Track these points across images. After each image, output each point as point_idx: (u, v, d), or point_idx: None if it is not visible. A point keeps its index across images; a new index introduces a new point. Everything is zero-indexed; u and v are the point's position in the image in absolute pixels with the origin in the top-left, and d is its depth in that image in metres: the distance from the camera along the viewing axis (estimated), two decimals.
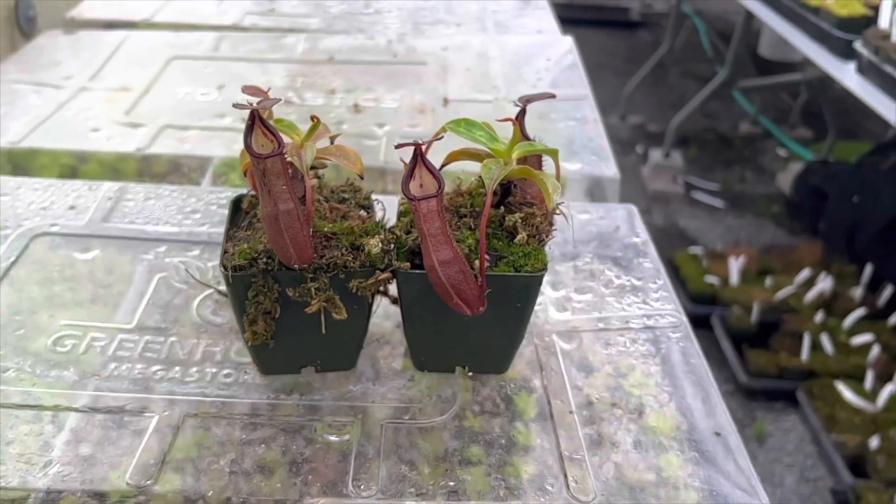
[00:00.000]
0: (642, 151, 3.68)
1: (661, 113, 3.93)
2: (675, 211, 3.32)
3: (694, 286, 2.61)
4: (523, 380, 0.73)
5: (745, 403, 2.37)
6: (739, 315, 2.42)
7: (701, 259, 2.73)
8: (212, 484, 0.61)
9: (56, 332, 0.74)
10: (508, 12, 1.55)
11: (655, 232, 3.17)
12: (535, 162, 0.73)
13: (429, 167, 0.61)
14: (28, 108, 1.09)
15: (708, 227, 3.23)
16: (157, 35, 1.34)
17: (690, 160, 3.63)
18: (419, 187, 0.62)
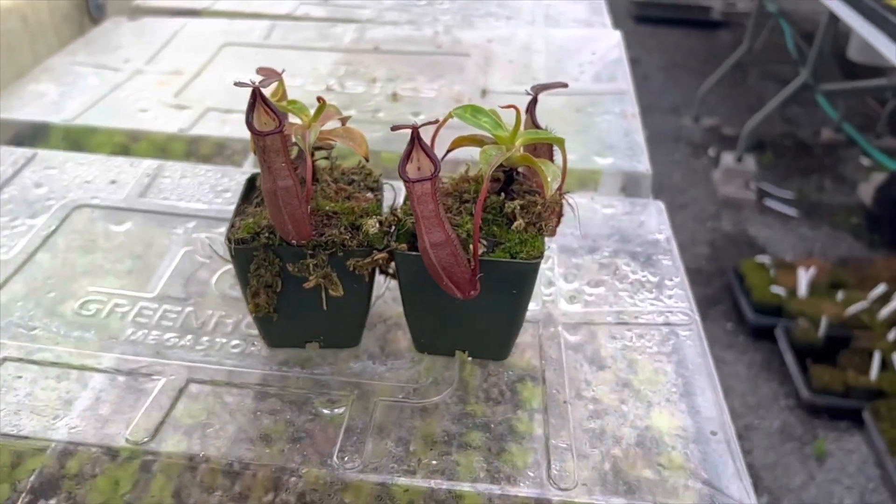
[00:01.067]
0: (714, 155, 3.58)
1: (737, 115, 3.81)
2: (746, 218, 3.22)
3: (759, 296, 2.53)
4: (530, 369, 0.74)
5: (806, 420, 2.29)
6: (806, 328, 2.33)
7: (768, 269, 2.64)
8: (204, 445, 0.64)
9: (83, 297, 0.79)
10: (561, 6, 1.54)
11: (723, 238, 3.08)
12: (546, 151, 0.73)
13: (425, 150, 0.62)
14: (86, 89, 1.16)
15: (779, 236, 3.12)
16: (214, 22, 1.40)
17: (765, 166, 3.51)
18: (416, 170, 0.63)
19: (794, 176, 3.48)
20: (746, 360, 2.53)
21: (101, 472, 0.64)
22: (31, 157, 0.98)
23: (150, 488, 0.63)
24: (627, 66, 1.27)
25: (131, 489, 0.63)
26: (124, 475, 0.64)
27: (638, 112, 1.17)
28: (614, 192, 1.06)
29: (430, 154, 0.62)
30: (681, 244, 3.18)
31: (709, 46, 4.56)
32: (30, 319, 0.75)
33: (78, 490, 0.63)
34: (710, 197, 3.34)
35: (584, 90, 1.21)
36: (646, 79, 4.18)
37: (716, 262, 2.98)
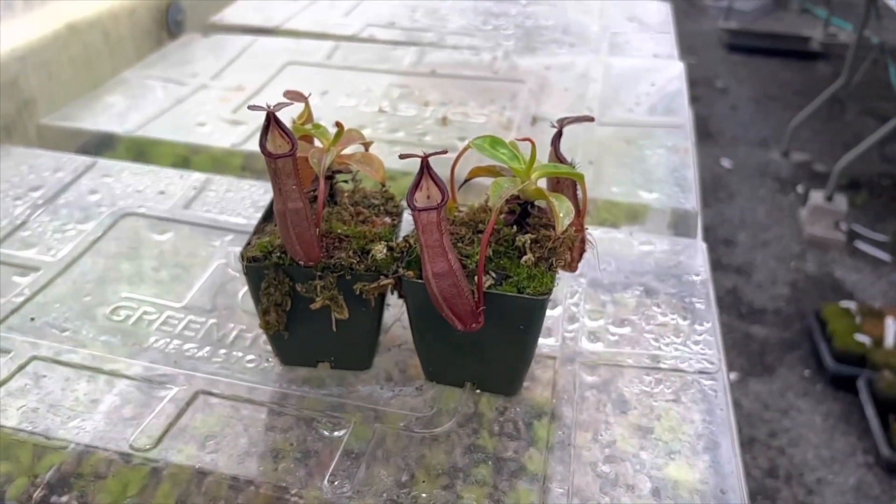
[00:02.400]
0: (803, 192, 3.43)
1: (831, 152, 3.64)
2: (833, 260, 3.07)
3: (841, 344, 2.40)
4: (548, 406, 0.72)
5: (885, 479, 2.15)
6: (891, 381, 2.20)
7: (854, 315, 2.50)
8: (201, 457, 0.65)
9: (115, 302, 0.82)
10: (629, 35, 1.51)
11: (805, 280, 2.94)
12: (570, 186, 0.72)
13: (434, 179, 0.62)
14: (152, 101, 1.22)
15: (868, 281, 2.95)
16: (281, 41, 1.44)
17: (858, 206, 3.34)
18: (426, 198, 0.63)
19: (890, 218, 3.29)
20: (823, 410, 2.40)
21: (112, 474, 0.66)
22: (90, 165, 1.04)
23: (156, 494, 0.65)
24: (686, 99, 1.23)
25: (138, 493, 0.65)
26: (134, 479, 0.66)
27: (692, 147, 1.14)
28: (661, 228, 1.03)
29: (440, 183, 0.62)
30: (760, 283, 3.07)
31: (805, 78, 4.39)
32: (64, 321, 0.79)
33: (89, 489, 0.65)
34: (795, 236, 3.20)
35: (637, 122, 1.18)
36: (734, 109, 4.05)
37: (796, 304, 2.85)
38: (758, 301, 2.88)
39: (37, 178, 1.01)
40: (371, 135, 1.14)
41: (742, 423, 2.42)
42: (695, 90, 4.22)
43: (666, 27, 1.54)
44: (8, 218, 0.93)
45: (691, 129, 1.24)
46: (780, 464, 2.26)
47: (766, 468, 2.26)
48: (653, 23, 1.56)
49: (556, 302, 0.84)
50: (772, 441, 2.33)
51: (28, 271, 0.85)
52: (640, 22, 1.57)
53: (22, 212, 0.94)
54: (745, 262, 3.06)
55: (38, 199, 0.97)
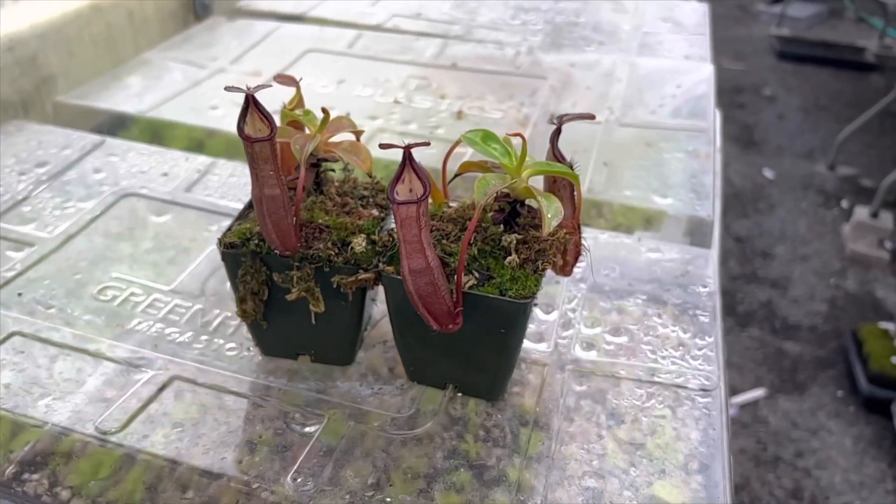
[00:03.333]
0: (847, 207, 3.31)
1: (879, 167, 3.51)
2: (874, 278, 2.96)
3: (877, 365, 2.32)
4: (537, 414, 0.69)
5: None
6: None
7: (892, 337, 2.41)
8: (166, 444, 0.64)
9: (105, 282, 0.81)
10: (662, 35, 1.46)
11: (845, 297, 2.84)
12: (567, 186, 0.69)
13: (417, 172, 0.60)
14: (169, 83, 1.21)
15: None
16: (305, 28, 1.43)
17: None
18: (408, 191, 0.60)
19: None
20: (854, 433, 2.32)
21: (84, 455, 0.65)
22: (98, 144, 1.03)
23: (126, 478, 0.64)
24: (713, 103, 1.19)
25: (109, 475, 0.64)
26: (107, 461, 0.65)
27: (716, 153, 1.09)
28: (676, 236, 0.98)
29: (422, 176, 0.60)
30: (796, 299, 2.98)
31: (857, 90, 4.24)
32: (51, 298, 0.78)
33: (61, 469, 0.64)
34: (836, 251, 3.09)
35: (659, 124, 1.14)
36: (781, 119, 3.94)
37: (833, 322, 2.75)
38: (793, 317, 2.79)
39: (44, 155, 1.01)
40: (383, 126, 1.12)
41: (768, 441, 2.35)
42: (741, 97, 4.12)
43: (701, 29, 1.48)
44: (10, 193, 0.94)
45: (717, 133, 1.20)
46: (805, 486, 2.19)
47: (790, 489, 2.18)
48: (688, 24, 1.51)
49: (552, 306, 0.81)
50: (798, 461, 2.25)
51: (23, 246, 0.85)
52: (675, 22, 1.52)
53: (25, 187, 0.95)
54: (781, 276, 2.97)
55: (43, 176, 0.97)
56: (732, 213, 3.29)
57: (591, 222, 0.97)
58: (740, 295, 2.91)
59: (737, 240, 3.15)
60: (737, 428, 2.41)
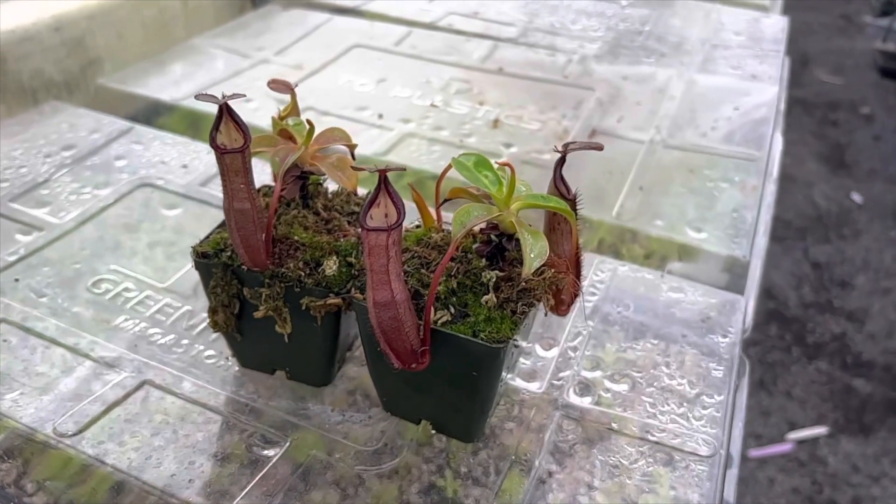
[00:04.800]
0: None
1: None
2: None
3: None
4: (524, 456, 0.64)
5: None
6: None
7: None
8: (118, 452, 0.62)
9: (102, 274, 0.81)
10: (730, 49, 1.37)
11: None
12: (566, 221, 0.64)
13: (393, 197, 0.56)
14: (209, 71, 1.21)
15: None
16: (356, 22, 1.40)
17: None
18: (383, 216, 0.57)
19: None
20: None
21: (50, 452, 0.64)
22: (125, 131, 1.04)
23: (92, 477, 0.63)
24: (772, 129, 1.09)
25: (77, 473, 0.63)
26: (78, 458, 0.64)
27: (765, 184, 1.00)
28: (712, 274, 0.91)
29: (397, 203, 0.56)
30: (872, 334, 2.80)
31: None
32: (45, 286, 0.78)
33: (32, 460, 0.64)
34: None
35: (707, 148, 1.06)
36: (877, 140, 3.69)
37: None
38: (867, 353, 2.61)
39: (73, 138, 1.02)
40: (414, 130, 1.08)
41: (824, 483, 2.21)
42: (835, 114, 3.88)
43: (776, 46, 1.38)
44: (33, 174, 0.95)
45: (774, 163, 1.11)
46: None
47: None
48: (763, 39, 1.41)
49: (555, 342, 0.76)
50: None
51: (32, 230, 0.86)
52: (750, 36, 1.42)
53: (47, 169, 0.95)
54: (859, 308, 2.79)
55: (67, 159, 0.98)
56: (813, 236, 3.10)
57: (615, 251, 0.91)
58: (811, 325, 2.75)
59: (815, 265, 2.98)
60: (793, 465, 2.28)
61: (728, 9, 1.54)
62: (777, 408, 2.51)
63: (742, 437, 0.80)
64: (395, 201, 0.56)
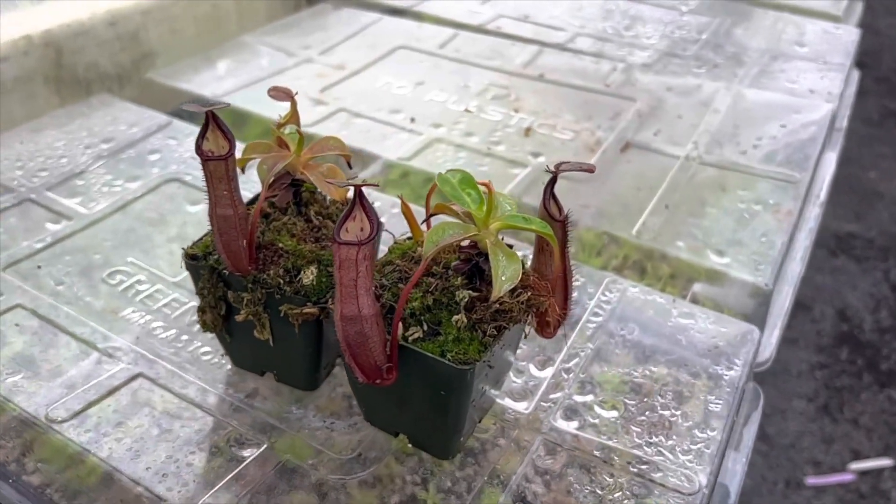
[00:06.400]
0: None
1: None
2: None
3: None
4: (507, 476, 0.64)
5: None
6: None
7: None
8: (97, 441, 0.64)
9: (119, 265, 0.84)
10: (790, 61, 1.30)
11: None
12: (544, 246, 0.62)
13: (367, 212, 0.56)
14: (253, 69, 1.24)
15: None
16: (403, 23, 1.41)
17: None
18: (359, 230, 0.57)
19: None
20: None
21: (50, 434, 0.67)
22: (164, 125, 1.07)
23: (85, 464, 0.65)
24: (819, 150, 1.04)
25: (70, 458, 0.65)
26: (70, 443, 0.66)
27: (805, 209, 0.95)
28: (740, 300, 0.87)
29: (372, 217, 0.56)
30: None
31: None
32: (64, 275, 0.82)
33: (35, 441, 0.67)
34: None
35: (745, 167, 1.01)
36: None
37: None
38: None
39: (114, 131, 1.06)
40: (443, 135, 1.08)
41: None
42: None
43: (842, 59, 1.30)
44: (72, 165, 0.99)
45: (820, 186, 1.05)
46: None
47: None
48: (829, 52, 1.34)
49: (550, 361, 0.75)
50: None
51: (61, 219, 0.90)
52: (814, 48, 1.35)
53: (85, 160, 1.00)
54: None
55: (104, 151, 1.02)
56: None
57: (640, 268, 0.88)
58: (887, 350, 2.60)
59: (894, 288, 2.81)
60: (852, 497, 2.17)
61: (797, 18, 1.47)
62: (841, 435, 2.39)
63: (743, 472, 0.76)
64: (369, 216, 0.56)
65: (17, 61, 1.06)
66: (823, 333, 2.72)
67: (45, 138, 1.04)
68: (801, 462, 2.27)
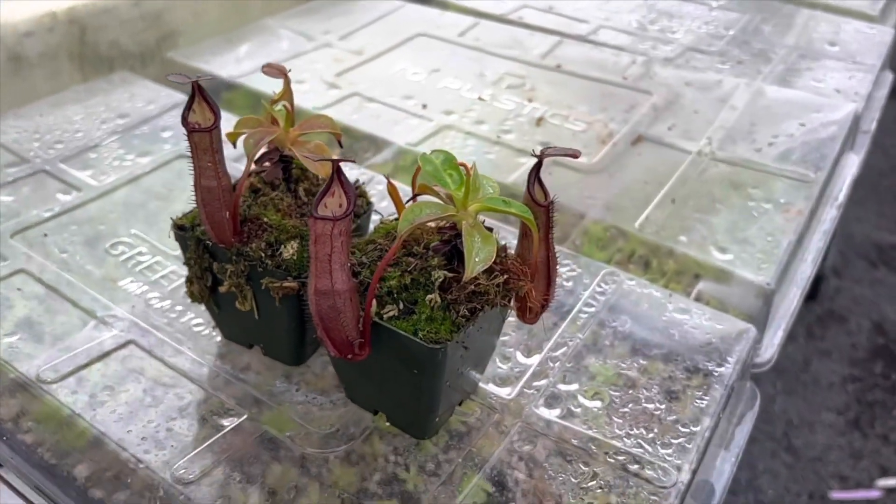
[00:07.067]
0: None
1: None
2: None
3: None
4: (491, 462, 0.64)
5: None
6: None
7: None
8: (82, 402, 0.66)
9: (121, 237, 0.86)
10: (820, 59, 1.27)
11: None
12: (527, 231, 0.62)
13: (345, 188, 0.56)
14: (273, 52, 1.25)
15: None
16: (426, 11, 1.41)
17: None
18: (338, 206, 0.57)
19: None
20: None
21: (42, 394, 0.69)
22: (178, 104, 1.09)
23: (75, 426, 0.67)
24: (837, 150, 1.01)
25: (64, 419, 0.67)
26: (61, 405, 0.68)
27: (815, 209, 0.93)
28: (746, 299, 0.85)
29: (350, 194, 0.56)
30: None
31: None
32: (69, 244, 0.84)
33: (29, 404, 0.69)
34: None
35: (758, 164, 0.99)
36: None
37: None
38: None
39: (130, 107, 1.08)
40: (454, 122, 1.08)
41: None
42: None
43: (873, 59, 1.27)
44: (87, 138, 1.01)
45: (840, 188, 1.02)
46: None
47: None
48: (860, 51, 1.30)
49: (538, 349, 0.74)
50: None
51: (71, 190, 0.92)
52: (845, 47, 1.31)
53: (100, 135, 1.02)
54: None
55: (119, 127, 1.04)
56: None
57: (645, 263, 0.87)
58: None
59: None
60: None
61: (831, 17, 1.43)
62: (871, 451, 2.33)
63: (732, 472, 0.75)
64: (346, 192, 0.56)
65: (42, 37, 1.09)
66: (858, 346, 2.65)
67: (64, 112, 1.06)
68: (826, 476, 2.22)
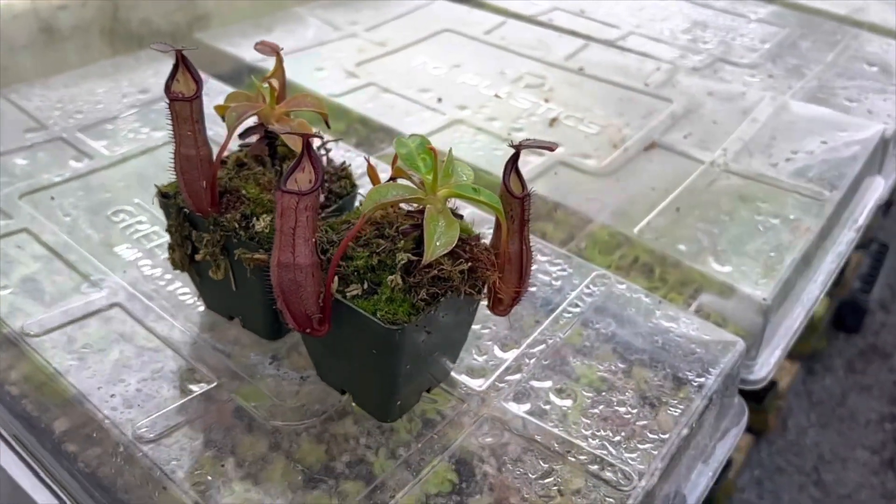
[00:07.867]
0: None
1: None
2: None
3: None
4: (463, 451, 0.63)
5: None
6: None
7: None
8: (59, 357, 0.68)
9: (123, 205, 0.88)
10: (856, 80, 1.23)
11: None
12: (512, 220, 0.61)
13: (314, 164, 0.56)
14: (299, 39, 1.27)
15: None
16: (456, 7, 1.41)
17: None
18: (308, 182, 0.57)
19: None
20: None
21: (25, 348, 0.70)
22: None
23: (57, 384, 0.69)
24: (857, 170, 0.98)
25: (48, 375, 0.69)
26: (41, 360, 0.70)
27: (823, 228, 0.90)
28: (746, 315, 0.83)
29: (318, 170, 0.56)
30: None
31: None
32: (73, 208, 0.87)
33: (17, 359, 0.71)
34: None
35: (771, 179, 0.96)
36: None
37: None
38: None
39: (153, 84, 1.11)
40: (466, 117, 1.07)
41: None
42: None
43: None
44: (107, 110, 1.04)
45: (861, 210, 0.99)
46: None
47: None
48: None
49: (516, 344, 0.73)
50: None
51: (84, 158, 0.95)
52: (885, 68, 1.27)
53: (119, 108, 1.05)
54: None
55: (139, 101, 1.07)
56: None
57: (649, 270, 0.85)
58: None
59: None
60: None
61: (875, 37, 1.39)
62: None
63: (708, 486, 0.73)
64: (315, 168, 0.56)
65: (75, 11, 1.12)
66: None
67: (89, 84, 1.09)
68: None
